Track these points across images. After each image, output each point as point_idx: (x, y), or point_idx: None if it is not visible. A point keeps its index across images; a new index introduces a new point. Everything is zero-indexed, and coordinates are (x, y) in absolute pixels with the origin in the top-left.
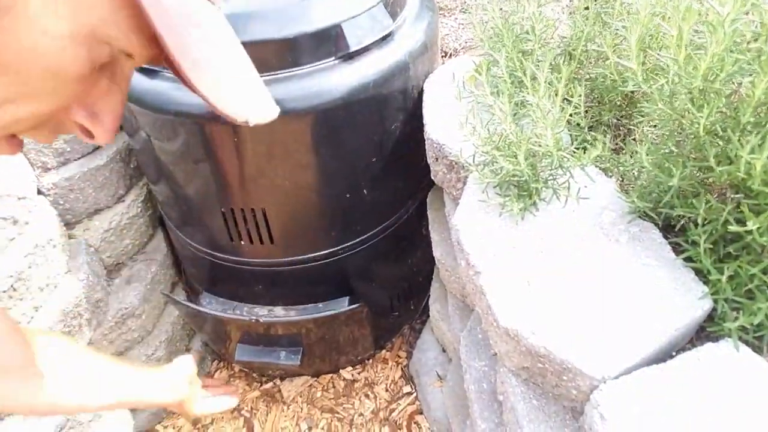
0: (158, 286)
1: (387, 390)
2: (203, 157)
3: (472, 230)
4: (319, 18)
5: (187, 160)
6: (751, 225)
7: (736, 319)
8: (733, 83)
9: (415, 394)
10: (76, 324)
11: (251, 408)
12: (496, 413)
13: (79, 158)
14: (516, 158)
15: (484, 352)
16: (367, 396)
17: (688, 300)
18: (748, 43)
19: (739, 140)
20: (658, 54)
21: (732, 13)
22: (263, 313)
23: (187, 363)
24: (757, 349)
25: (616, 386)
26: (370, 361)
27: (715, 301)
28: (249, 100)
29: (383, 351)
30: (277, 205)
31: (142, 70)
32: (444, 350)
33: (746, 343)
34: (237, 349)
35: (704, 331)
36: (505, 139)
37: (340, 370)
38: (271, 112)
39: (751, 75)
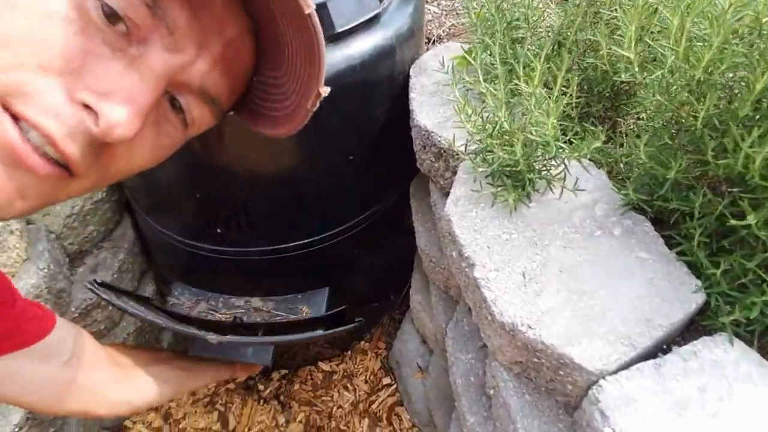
0: (126, 275)
1: (366, 382)
2: None
3: (464, 221)
4: None
5: None
6: (751, 219)
7: (730, 312)
8: (733, 76)
9: (395, 386)
10: None
11: (225, 401)
12: (484, 407)
13: None
14: (512, 147)
15: (471, 344)
16: (346, 388)
17: (683, 294)
18: (749, 35)
19: (737, 133)
20: (658, 45)
21: (734, 4)
22: (239, 304)
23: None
24: (749, 342)
25: (615, 382)
26: (349, 352)
27: (708, 295)
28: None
29: (362, 342)
30: (255, 191)
31: None
32: (425, 341)
33: (738, 336)
34: (193, 343)
35: (693, 324)
36: (499, 128)
37: (318, 362)
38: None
39: (751, 67)
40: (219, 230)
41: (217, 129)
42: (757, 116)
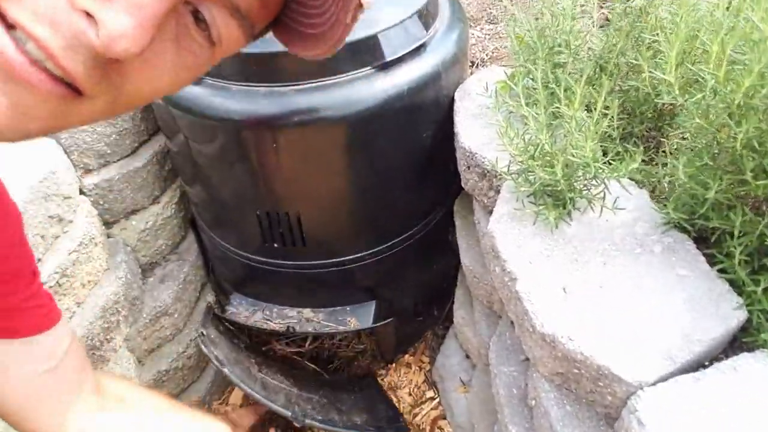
0: (190, 285)
1: (410, 394)
2: (241, 161)
3: (507, 238)
4: (357, 29)
5: (225, 163)
6: None
7: None
8: None
9: (438, 399)
10: (114, 320)
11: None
12: (526, 418)
13: (118, 160)
14: (552, 168)
15: (514, 357)
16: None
17: (724, 310)
18: None
19: None
20: (698, 69)
21: None
22: (292, 314)
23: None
24: None
25: (654, 392)
26: (394, 365)
27: (750, 312)
28: None
29: (406, 355)
30: (310, 209)
31: None
32: (468, 356)
33: None
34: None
35: (737, 342)
36: (540, 149)
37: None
38: None
39: None
40: (276, 245)
41: (275, 149)
42: None
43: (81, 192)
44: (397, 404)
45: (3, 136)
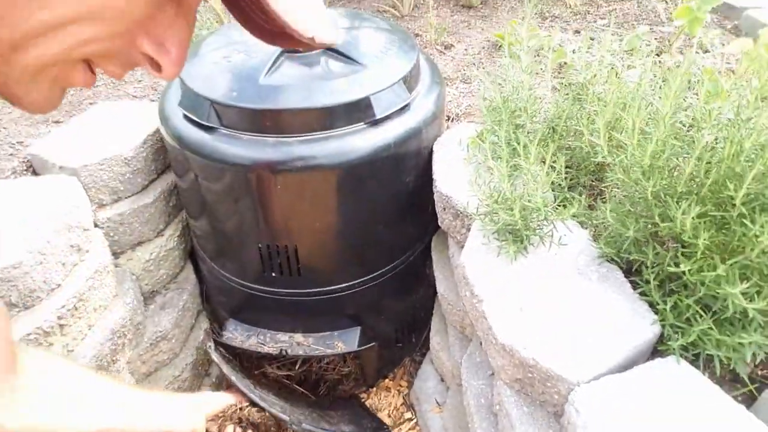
0: (187, 312)
1: (390, 416)
2: (247, 199)
3: (476, 267)
4: (355, 92)
5: (232, 200)
6: (684, 267)
7: (678, 339)
8: (675, 160)
9: (415, 420)
10: (121, 343)
11: None
12: (492, 424)
13: (129, 196)
14: (512, 211)
15: (482, 372)
16: None
17: (643, 325)
18: (688, 130)
19: (675, 204)
20: (620, 136)
21: (669, 110)
22: (284, 339)
23: (215, 400)
24: (695, 365)
25: (588, 388)
26: (375, 389)
27: (663, 326)
28: (317, 24)
29: (386, 380)
30: (306, 242)
31: (201, 126)
32: (442, 380)
33: (686, 359)
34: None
35: (657, 351)
36: (502, 196)
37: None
38: (335, 38)
39: (685, 156)
40: (274, 274)
41: (279, 190)
42: (688, 191)
43: (95, 225)
44: None
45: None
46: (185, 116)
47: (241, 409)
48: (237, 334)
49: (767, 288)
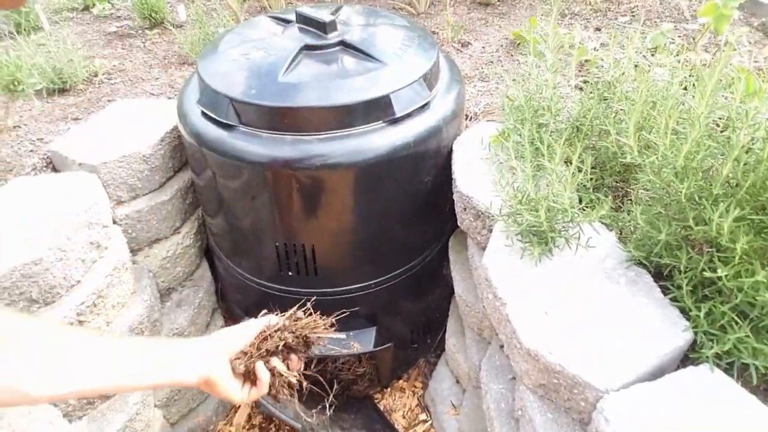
0: (203, 310)
1: (404, 417)
2: (265, 197)
3: (499, 269)
4: (374, 90)
5: (249, 198)
6: (721, 272)
7: (712, 347)
8: (710, 161)
9: (430, 422)
10: None
11: None
12: (513, 429)
13: (147, 194)
14: (537, 212)
15: (502, 376)
16: None
17: (674, 331)
18: (722, 131)
19: (711, 207)
20: (651, 136)
21: (705, 110)
22: None
23: (241, 334)
24: (729, 373)
25: (618, 396)
26: (389, 389)
27: (695, 334)
28: None
29: (400, 381)
30: (324, 241)
31: (219, 124)
32: (458, 381)
33: (720, 367)
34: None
35: (689, 359)
36: (527, 196)
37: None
38: None
39: (721, 156)
40: (291, 273)
41: (297, 188)
42: (725, 193)
43: (114, 222)
44: None
45: None
46: (204, 114)
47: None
48: None
49: None
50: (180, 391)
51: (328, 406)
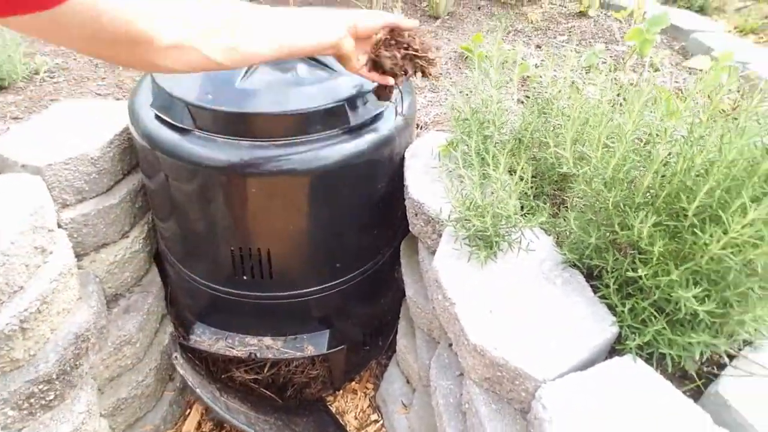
0: (152, 316)
1: (356, 418)
2: (220, 202)
3: (448, 271)
4: (330, 98)
5: (204, 202)
6: (641, 272)
7: (634, 340)
8: (634, 173)
9: (381, 422)
10: (84, 347)
11: None
12: (460, 422)
13: (94, 197)
14: (484, 218)
15: (451, 373)
16: None
17: (602, 326)
18: (644, 145)
19: (633, 214)
20: (585, 149)
21: (632, 127)
22: (253, 342)
23: (361, 17)
24: (649, 362)
25: (553, 385)
26: (341, 391)
27: (621, 328)
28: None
29: (353, 383)
30: (279, 246)
31: (174, 128)
32: (408, 381)
33: (642, 357)
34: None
35: (615, 351)
36: (474, 203)
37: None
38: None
39: (642, 168)
40: (245, 277)
41: (253, 193)
42: (645, 202)
43: (59, 225)
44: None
45: None
46: (157, 117)
47: None
48: (205, 338)
49: (715, 292)
50: (126, 399)
51: (280, 409)
